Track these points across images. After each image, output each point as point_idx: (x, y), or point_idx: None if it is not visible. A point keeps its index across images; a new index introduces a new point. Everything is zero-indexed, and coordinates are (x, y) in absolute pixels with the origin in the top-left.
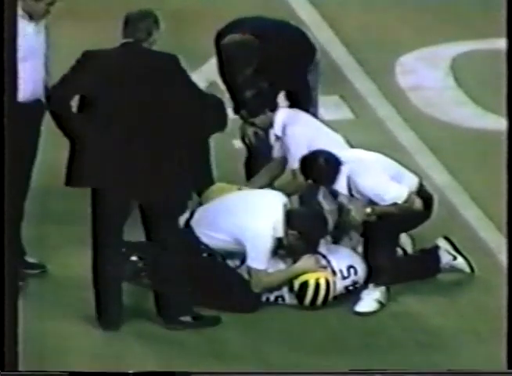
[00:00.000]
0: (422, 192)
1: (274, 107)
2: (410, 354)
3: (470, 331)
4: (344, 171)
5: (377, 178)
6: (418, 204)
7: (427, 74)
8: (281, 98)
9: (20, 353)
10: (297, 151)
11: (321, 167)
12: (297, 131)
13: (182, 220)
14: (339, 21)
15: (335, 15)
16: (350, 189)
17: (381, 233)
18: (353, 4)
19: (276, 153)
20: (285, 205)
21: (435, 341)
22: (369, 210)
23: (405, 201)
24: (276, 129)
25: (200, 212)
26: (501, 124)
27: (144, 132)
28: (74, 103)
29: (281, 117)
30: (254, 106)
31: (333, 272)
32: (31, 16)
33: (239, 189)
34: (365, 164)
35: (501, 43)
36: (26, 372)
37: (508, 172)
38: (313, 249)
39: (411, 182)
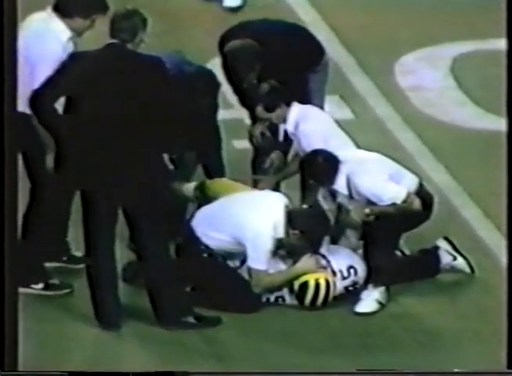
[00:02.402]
0: (422, 192)
1: (289, 101)
2: (410, 354)
3: (470, 331)
4: (344, 171)
5: (376, 178)
6: (417, 204)
7: (427, 74)
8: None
9: (20, 353)
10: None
11: (320, 166)
12: (310, 129)
13: (182, 221)
14: (339, 21)
15: (335, 15)
16: (350, 189)
17: (381, 233)
18: (353, 4)
19: (294, 150)
20: (286, 206)
21: (435, 342)
22: (367, 210)
23: (404, 201)
24: (288, 125)
25: (200, 213)
26: (501, 124)
27: (129, 133)
28: (60, 104)
29: (294, 113)
30: (271, 101)
31: (333, 273)
32: (76, 33)
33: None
34: (364, 164)
35: (501, 43)
36: (26, 372)
37: (508, 172)
38: (315, 248)
39: (410, 182)
